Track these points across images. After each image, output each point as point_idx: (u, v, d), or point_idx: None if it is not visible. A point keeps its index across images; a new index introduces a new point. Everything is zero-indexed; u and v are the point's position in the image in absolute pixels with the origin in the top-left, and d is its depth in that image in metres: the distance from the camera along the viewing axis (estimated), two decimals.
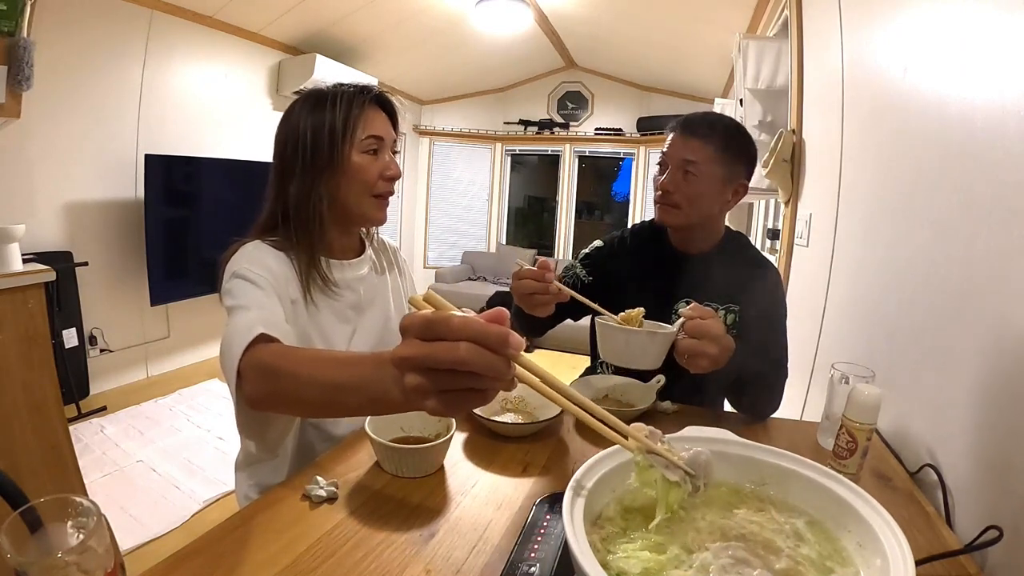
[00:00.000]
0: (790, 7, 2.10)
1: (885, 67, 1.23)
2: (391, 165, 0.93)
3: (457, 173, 6.17)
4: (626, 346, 0.89)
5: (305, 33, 3.79)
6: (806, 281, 1.77)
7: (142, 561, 1.69)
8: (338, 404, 0.59)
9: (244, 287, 0.80)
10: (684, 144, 1.04)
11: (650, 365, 0.88)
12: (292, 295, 0.87)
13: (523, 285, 0.89)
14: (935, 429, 0.84)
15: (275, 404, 0.67)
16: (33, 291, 1.73)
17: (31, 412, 1.69)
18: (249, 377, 0.66)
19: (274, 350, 0.66)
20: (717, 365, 0.85)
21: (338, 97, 0.89)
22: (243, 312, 0.75)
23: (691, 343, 0.83)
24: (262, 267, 0.83)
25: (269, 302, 0.79)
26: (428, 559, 0.58)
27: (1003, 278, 0.70)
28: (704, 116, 1.07)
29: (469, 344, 0.38)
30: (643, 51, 4.55)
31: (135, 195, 2.97)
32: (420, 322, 0.40)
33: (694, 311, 0.85)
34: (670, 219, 1.08)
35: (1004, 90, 0.74)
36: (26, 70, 2.07)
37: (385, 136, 0.92)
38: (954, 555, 0.62)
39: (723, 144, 1.03)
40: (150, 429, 2.55)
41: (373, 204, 0.93)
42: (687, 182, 1.03)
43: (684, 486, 0.48)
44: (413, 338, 0.40)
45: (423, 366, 0.40)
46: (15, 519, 0.41)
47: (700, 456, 0.50)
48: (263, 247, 0.88)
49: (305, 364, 0.61)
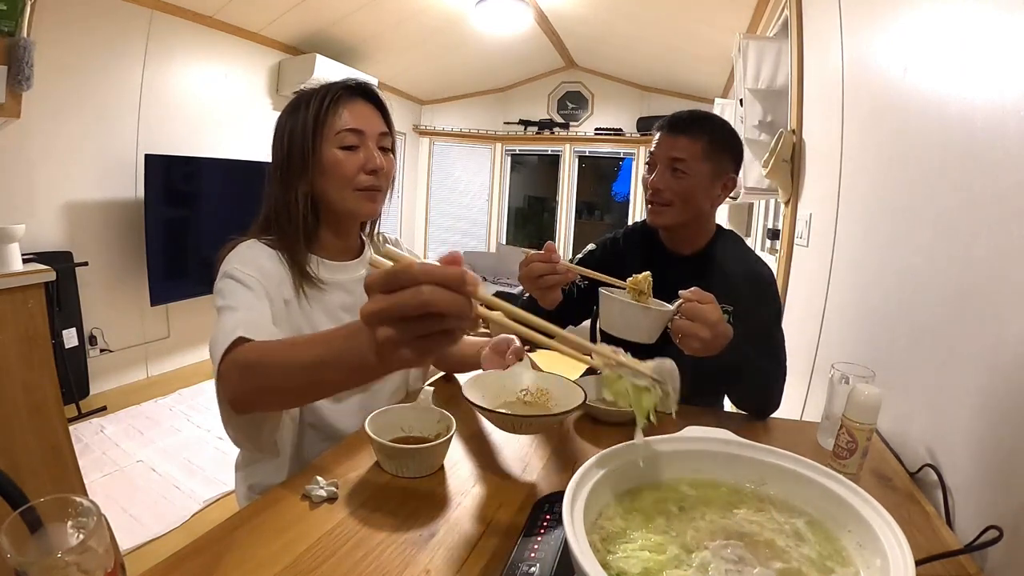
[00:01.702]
0: (790, 7, 2.10)
1: (885, 67, 1.23)
2: (372, 157, 0.90)
3: (457, 173, 6.17)
4: (620, 316, 0.91)
5: (305, 33, 3.79)
6: (806, 281, 1.77)
7: (142, 561, 1.69)
8: (319, 383, 0.59)
9: (233, 288, 0.80)
10: (671, 143, 1.05)
11: (643, 339, 0.89)
12: (285, 295, 0.87)
13: (532, 269, 0.91)
14: (935, 429, 0.84)
15: (258, 400, 0.67)
16: (33, 291, 1.73)
17: (31, 412, 1.69)
18: (230, 378, 0.66)
19: (250, 347, 0.65)
20: (710, 350, 0.85)
21: (314, 95, 0.88)
22: (229, 314, 0.75)
23: (685, 324, 0.84)
24: (254, 267, 0.83)
25: (257, 303, 0.79)
26: (428, 559, 0.58)
27: (1003, 278, 0.70)
28: (690, 114, 1.08)
29: (431, 287, 0.40)
30: (643, 51, 4.55)
31: (135, 195, 2.97)
32: (382, 276, 0.41)
33: (694, 294, 0.86)
34: (662, 219, 1.09)
35: (1004, 90, 0.74)
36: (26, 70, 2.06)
37: (365, 129, 0.89)
38: (954, 555, 0.62)
39: (709, 139, 1.05)
40: (150, 429, 2.55)
41: (357, 197, 0.91)
42: (677, 179, 1.05)
43: (654, 390, 0.51)
44: (378, 293, 0.42)
45: (392, 316, 0.41)
46: (15, 519, 0.41)
47: (664, 364, 0.53)
48: (257, 246, 0.88)
49: (280, 352, 0.62)
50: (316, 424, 0.93)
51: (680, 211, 1.07)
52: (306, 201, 0.89)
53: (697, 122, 1.06)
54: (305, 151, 0.86)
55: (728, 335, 0.87)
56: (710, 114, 1.11)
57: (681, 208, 1.06)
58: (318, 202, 0.91)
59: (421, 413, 0.85)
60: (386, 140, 0.94)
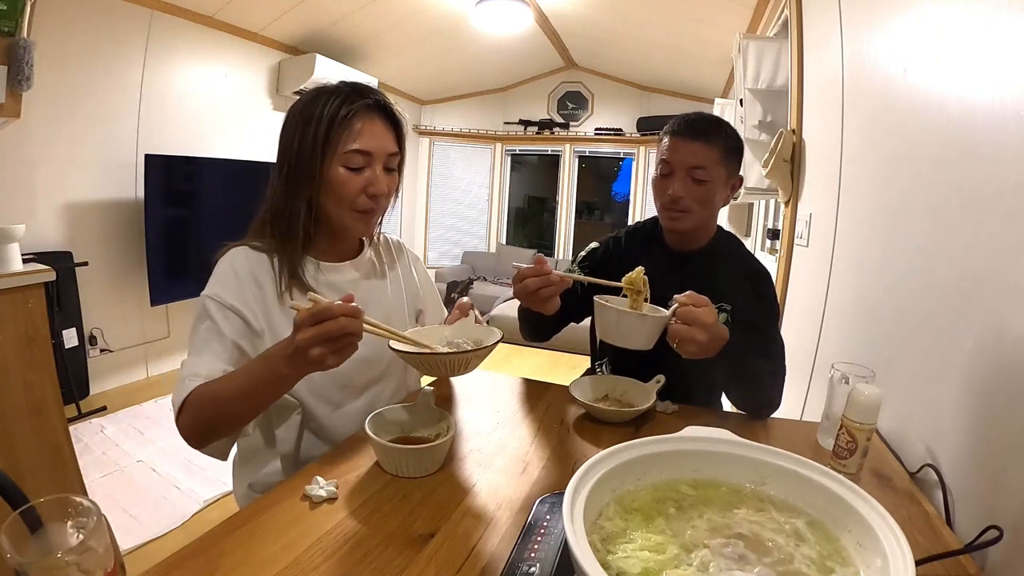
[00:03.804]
0: (790, 7, 2.10)
1: (885, 67, 1.23)
2: (376, 181, 0.88)
3: (457, 173, 6.17)
4: (617, 325, 0.91)
5: (305, 33, 3.79)
6: (806, 281, 1.77)
7: (142, 561, 1.69)
8: (254, 403, 0.77)
9: (206, 325, 0.83)
10: (688, 148, 1.04)
11: (641, 346, 0.90)
12: (268, 305, 0.87)
13: (526, 285, 0.90)
14: (935, 429, 0.84)
15: (213, 431, 0.80)
16: (33, 291, 1.73)
17: (31, 412, 1.69)
18: (186, 422, 0.78)
19: (196, 393, 0.77)
20: (707, 353, 0.85)
21: (331, 98, 0.86)
22: (193, 359, 0.82)
23: (681, 328, 0.84)
24: (234, 289, 0.85)
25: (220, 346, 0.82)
26: (428, 559, 0.58)
27: (1003, 278, 0.70)
28: (702, 117, 1.07)
29: (344, 318, 0.64)
30: (643, 51, 4.55)
31: (135, 195, 2.97)
32: (309, 315, 0.65)
33: (688, 298, 0.86)
34: (682, 225, 1.08)
35: (1004, 90, 0.74)
36: (26, 70, 2.06)
37: (374, 150, 0.87)
38: (954, 555, 0.62)
39: (724, 144, 1.05)
40: (150, 429, 2.55)
41: (355, 218, 0.90)
42: (699, 187, 1.04)
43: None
44: (308, 326, 0.64)
45: (321, 339, 0.64)
46: (15, 519, 0.41)
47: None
48: (241, 256, 0.88)
49: (217, 388, 0.76)
50: (317, 430, 0.93)
51: (698, 216, 1.07)
52: (308, 209, 0.88)
53: (711, 126, 1.05)
54: (313, 163, 0.85)
55: (724, 337, 0.87)
56: (717, 117, 1.11)
57: (699, 214, 1.06)
58: (318, 211, 0.90)
59: (421, 413, 0.85)
60: (393, 160, 0.92)
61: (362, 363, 0.95)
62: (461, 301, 1.02)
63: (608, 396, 1.05)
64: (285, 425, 0.91)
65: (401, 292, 1.07)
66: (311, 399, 0.91)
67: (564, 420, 0.98)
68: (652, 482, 0.54)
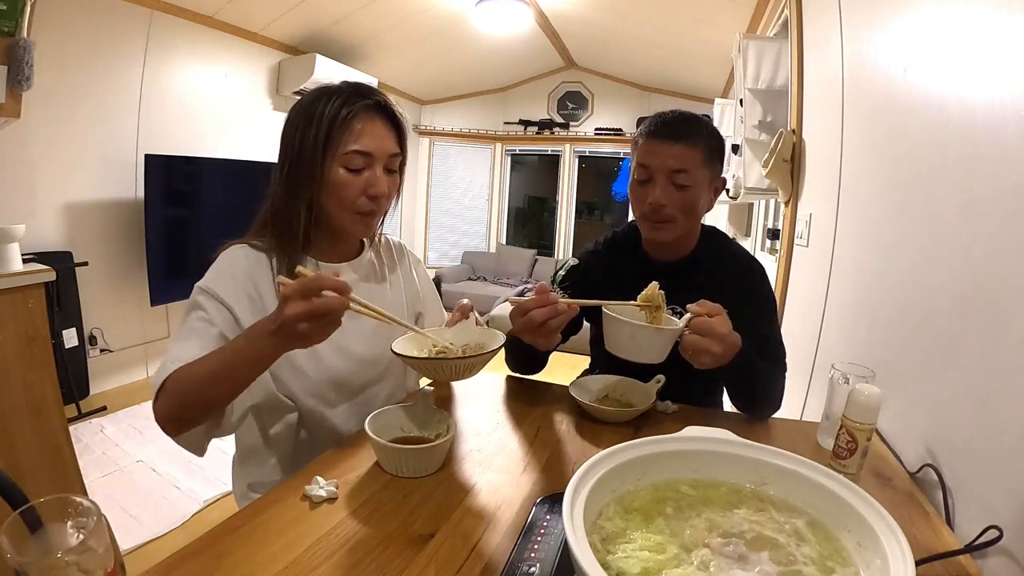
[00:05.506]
0: (790, 7, 2.10)
1: (885, 67, 1.22)
2: (376, 183, 0.87)
3: (457, 173, 6.17)
4: (632, 340, 0.86)
5: (305, 33, 3.79)
6: (806, 281, 1.77)
7: (142, 561, 1.69)
8: (233, 380, 0.73)
9: (195, 317, 0.82)
10: (670, 151, 0.96)
11: (655, 359, 0.86)
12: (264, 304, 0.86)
13: (533, 317, 0.83)
14: (935, 429, 0.84)
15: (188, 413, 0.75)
16: (33, 291, 1.73)
17: (31, 412, 1.69)
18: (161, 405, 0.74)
19: (174, 375, 0.74)
20: (722, 362, 0.84)
21: (330, 103, 0.85)
22: (180, 344, 0.79)
23: (696, 339, 0.82)
24: (228, 285, 0.84)
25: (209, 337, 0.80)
26: (428, 559, 0.58)
27: (1003, 278, 0.70)
28: (681, 116, 0.99)
29: (333, 295, 0.63)
30: (643, 51, 4.55)
31: (135, 195, 2.97)
32: (298, 287, 0.62)
33: (701, 307, 0.83)
34: (665, 235, 1.02)
35: (1004, 90, 0.74)
36: (26, 70, 2.06)
37: (375, 151, 0.86)
38: (954, 555, 0.62)
39: (705, 144, 0.98)
40: (150, 429, 2.54)
41: (355, 220, 0.89)
42: (681, 193, 0.98)
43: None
44: (297, 300, 0.62)
45: (310, 316, 0.62)
46: (15, 519, 0.41)
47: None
48: (241, 254, 0.88)
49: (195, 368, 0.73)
50: (315, 428, 0.93)
51: (682, 225, 1.01)
52: (309, 210, 0.88)
53: (692, 125, 0.98)
54: (313, 164, 0.85)
55: (738, 345, 0.85)
56: (696, 115, 1.03)
57: (683, 222, 1.00)
58: (319, 212, 0.90)
59: (421, 413, 0.85)
60: (395, 161, 0.91)
61: (361, 364, 0.95)
62: (461, 302, 1.01)
63: (608, 396, 1.05)
64: (283, 426, 0.91)
65: (401, 294, 1.07)
66: (309, 400, 0.90)
67: (564, 420, 0.98)
68: (652, 482, 0.54)
